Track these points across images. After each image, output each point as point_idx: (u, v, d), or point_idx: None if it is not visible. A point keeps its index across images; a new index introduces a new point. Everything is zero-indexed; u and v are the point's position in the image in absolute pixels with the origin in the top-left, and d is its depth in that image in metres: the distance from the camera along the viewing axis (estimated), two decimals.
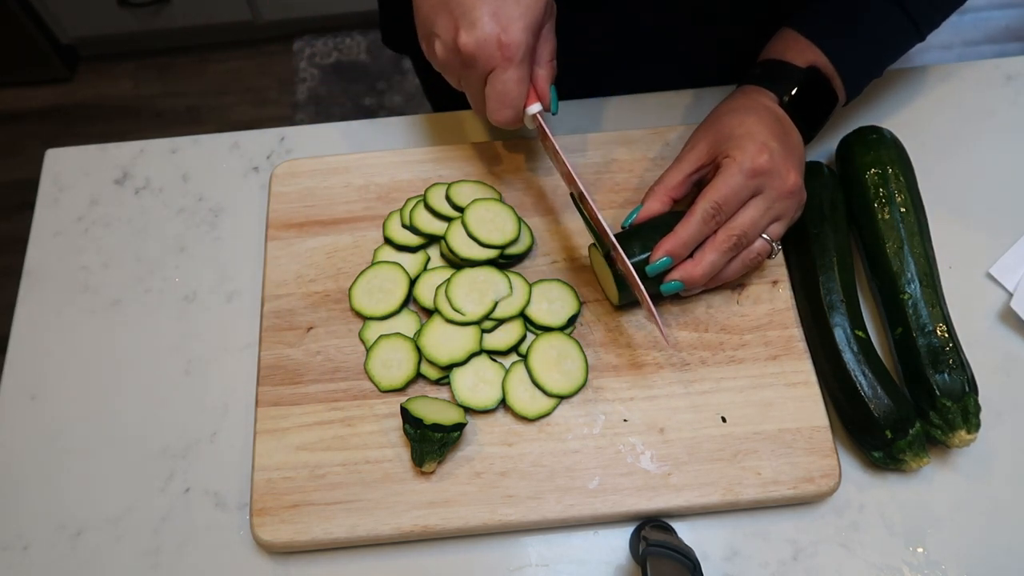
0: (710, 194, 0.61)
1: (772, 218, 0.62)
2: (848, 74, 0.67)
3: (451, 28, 0.59)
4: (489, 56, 0.59)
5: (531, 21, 0.59)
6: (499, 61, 0.59)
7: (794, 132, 0.65)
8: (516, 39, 0.58)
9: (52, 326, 0.72)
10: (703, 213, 0.61)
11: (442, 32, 0.60)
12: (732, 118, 0.64)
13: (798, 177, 0.63)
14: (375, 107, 2.05)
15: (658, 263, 0.62)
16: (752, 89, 0.67)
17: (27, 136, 2.05)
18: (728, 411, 0.64)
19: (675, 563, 0.54)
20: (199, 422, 0.68)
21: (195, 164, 0.80)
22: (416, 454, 0.61)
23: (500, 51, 0.58)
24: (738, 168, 0.61)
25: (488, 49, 0.58)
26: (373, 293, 0.68)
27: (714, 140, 0.64)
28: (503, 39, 0.58)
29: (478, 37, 0.58)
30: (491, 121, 0.63)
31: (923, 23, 0.68)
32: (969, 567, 0.61)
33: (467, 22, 0.58)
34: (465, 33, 0.58)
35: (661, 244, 0.62)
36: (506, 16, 0.58)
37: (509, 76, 0.59)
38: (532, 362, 0.65)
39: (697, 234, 0.61)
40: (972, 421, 0.61)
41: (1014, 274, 0.71)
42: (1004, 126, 0.79)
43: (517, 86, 0.60)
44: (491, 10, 0.58)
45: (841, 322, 0.65)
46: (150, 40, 2.08)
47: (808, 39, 0.67)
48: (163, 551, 0.63)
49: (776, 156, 0.61)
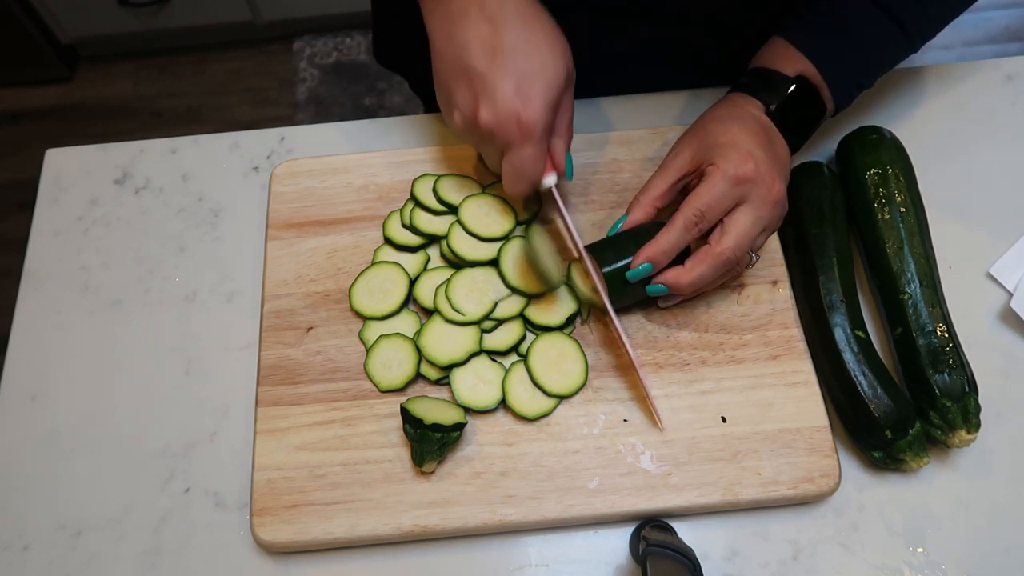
0: (693, 202, 0.61)
1: (761, 229, 0.62)
2: (837, 84, 0.67)
3: (471, 101, 0.58)
4: (508, 134, 0.58)
5: (552, 97, 0.58)
6: (518, 140, 0.58)
7: (780, 141, 0.65)
8: (536, 117, 0.57)
9: (52, 326, 0.72)
10: (685, 221, 0.61)
11: (462, 104, 0.59)
12: (717, 126, 0.64)
13: (782, 186, 0.62)
14: (375, 107, 2.04)
15: (638, 269, 0.62)
16: (739, 97, 0.67)
17: (27, 136, 2.05)
18: (728, 411, 0.64)
19: (675, 563, 0.54)
20: (199, 422, 0.68)
21: (195, 164, 0.80)
22: (416, 454, 0.61)
23: (520, 129, 0.57)
24: (722, 176, 0.61)
25: (508, 127, 0.57)
26: (373, 293, 0.68)
27: (699, 148, 0.64)
28: (523, 117, 0.57)
29: (498, 114, 0.57)
30: (506, 191, 0.63)
31: (915, 34, 0.67)
32: (969, 567, 0.61)
33: (487, 98, 0.57)
34: (485, 109, 0.57)
35: (642, 250, 0.62)
36: (527, 92, 0.57)
37: (527, 154, 0.59)
38: (532, 362, 0.65)
39: (679, 242, 0.61)
40: (972, 421, 0.61)
41: (1014, 274, 0.71)
42: (1004, 126, 0.79)
43: (534, 164, 0.60)
44: (512, 85, 0.56)
45: (841, 322, 0.65)
46: (150, 40, 2.08)
47: (797, 48, 0.66)
48: (163, 551, 0.63)
49: (761, 165, 0.61)
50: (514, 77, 0.57)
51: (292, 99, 2.07)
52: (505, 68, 0.56)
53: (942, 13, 0.69)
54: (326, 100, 2.06)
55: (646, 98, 0.80)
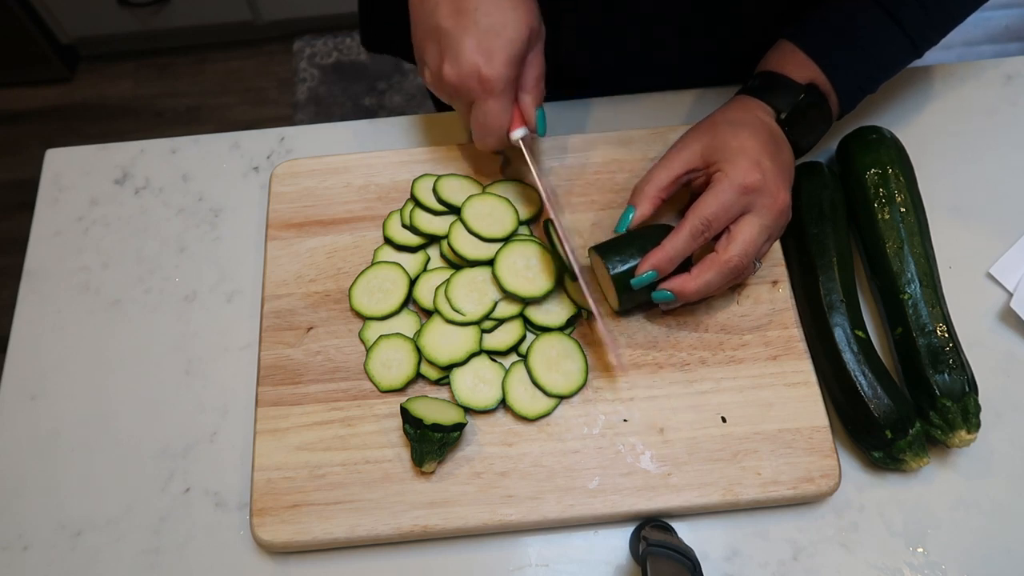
0: (700, 210, 0.61)
1: (767, 238, 0.62)
2: (844, 91, 0.67)
3: (437, 58, 0.62)
4: (471, 89, 0.61)
5: (513, 53, 0.60)
6: (480, 94, 0.61)
7: (787, 149, 0.65)
8: (496, 72, 0.60)
9: (52, 326, 0.72)
10: (692, 228, 0.61)
11: (430, 61, 0.63)
12: (728, 129, 0.64)
13: (788, 195, 0.63)
14: (375, 107, 2.05)
15: (643, 276, 0.62)
16: (749, 101, 0.67)
17: (27, 136, 2.05)
18: (728, 411, 0.64)
19: (675, 563, 0.54)
20: (199, 422, 0.68)
21: (195, 164, 0.80)
22: (416, 454, 0.61)
23: (481, 84, 0.60)
24: (729, 184, 0.61)
25: (469, 82, 0.61)
26: (373, 293, 0.68)
27: (707, 147, 0.64)
28: (484, 72, 0.60)
29: (460, 70, 0.60)
30: (477, 146, 0.66)
31: (920, 41, 0.68)
32: (969, 567, 0.61)
33: (451, 54, 0.60)
34: (448, 65, 0.61)
35: (648, 257, 0.62)
36: (488, 49, 0.60)
37: (490, 107, 0.62)
38: (532, 362, 0.65)
39: (685, 249, 0.61)
40: (972, 421, 0.61)
41: (1014, 274, 0.71)
42: (1004, 126, 0.79)
43: (497, 117, 0.62)
44: (474, 43, 0.59)
45: (841, 322, 0.65)
46: (150, 40, 2.08)
47: (807, 54, 0.67)
48: (163, 551, 0.63)
49: (768, 174, 0.61)
50: (476, 34, 0.59)
51: (292, 99, 2.07)
52: (467, 27, 0.59)
53: (944, 18, 0.69)
54: (326, 100, 2.06)
55: (646, 98, 0.80)
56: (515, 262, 0.67)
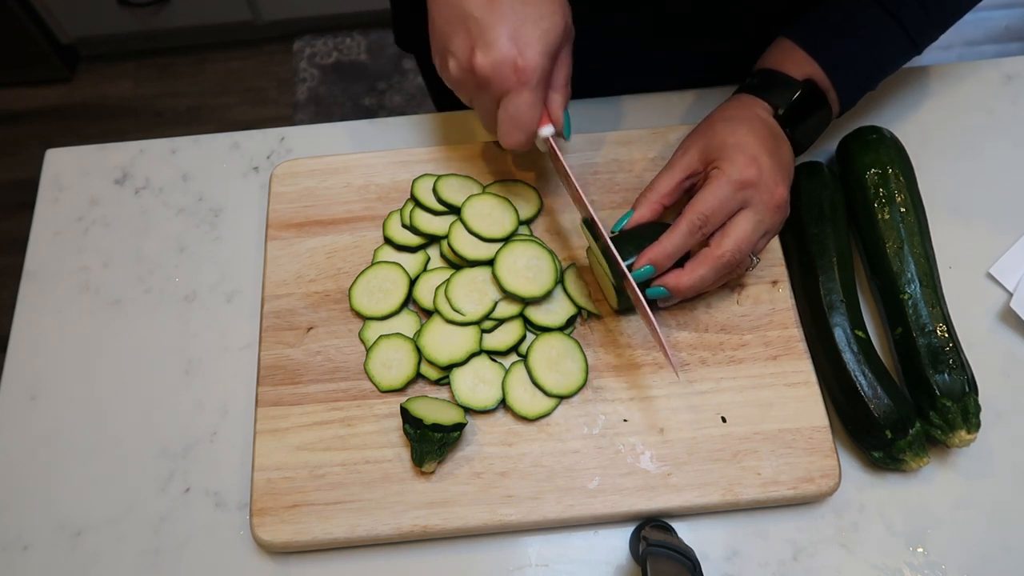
0: (697, 206, 0.61)
1: (763, 233, 0.62)
2: (843, 88, 0.67)
3: (467, 47, 0.58)
4: (504, 79, 0.57)
5: (549, 45, 0.58)
6: (514, 85, 0.58)
7: (785, 145, 0.65)
8: (533, 63, 0.57)
9: (52, 326, 0.72)
10: (689, 224, 0.61)
11: (457, 51, 0.59)
12: (725, 127, 0.64)
13: (785, 191, 0.63)
14: (375, 107, 2.04)
15: (640, 271, 0.62)
16: (747, 98, 0.67)
17: (27, 136, 2.05)
18: (728, 411, 0.64)
19: (675, 563, 0.54)
20: (199, 422, 0.68)
21: (195, 164, 0.80)
22: (416, 454, 0.61)
23: (516, 75, 0.57)
24: (726, 180, 0.61)
25: (504, 72, 0.57)
26: (373, 293, 0.68)
27: (705, 148, 0.64)
28: (519, 63, 0.57)
29: (494, 59, 0.57)
30: (502, 143, 0.62)
31: (919, 38, 0.68)
32: (969, 567, 0.61)
33: (484, 42, 0.57)
34: (481, 54, 0.57)
35: (645, 253, 0.62)
36: (524, 39, 0.57)
37: (523, 100, 0.58)
38: (532, 362, 0.65)
39: (682, 245, 0.61)
40: (972, 421, 0.61)
41: (1014, 274, 0.71)
42: (1004, 126, 0.79)
43: (530, 110, 0.59)
44: (509, 31, 0.56)
45: (841, 322, 0.65)
46: (150, 40, 2.08)
47: (805, 51, 0.67)
48: (163, 551, 0.63)
49: (765, 169, 0.61)
50: (511, 24, 0.56)
51: (292, 99, 2.07)
52: (503, 15, 0.56)
53: (944, 15, 0.69)
54: (326, 100, 2.06)
55: (647, 98, 0.80)
56: (515, 262, 0.67)
